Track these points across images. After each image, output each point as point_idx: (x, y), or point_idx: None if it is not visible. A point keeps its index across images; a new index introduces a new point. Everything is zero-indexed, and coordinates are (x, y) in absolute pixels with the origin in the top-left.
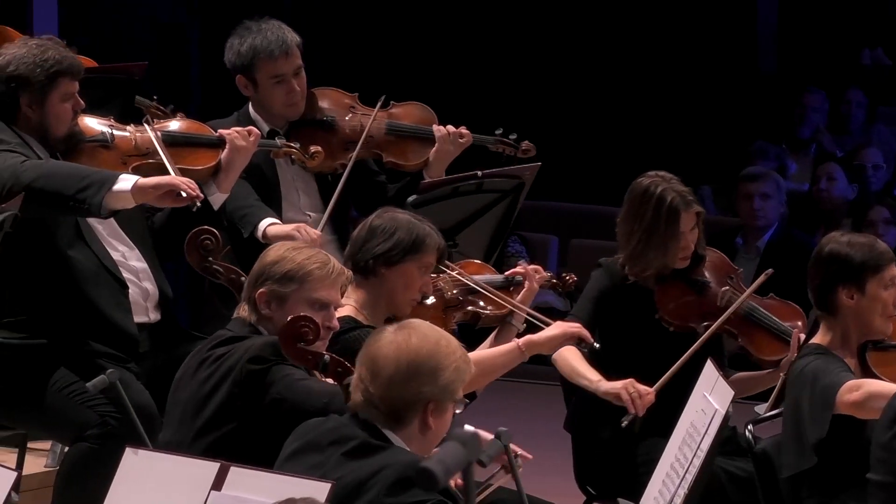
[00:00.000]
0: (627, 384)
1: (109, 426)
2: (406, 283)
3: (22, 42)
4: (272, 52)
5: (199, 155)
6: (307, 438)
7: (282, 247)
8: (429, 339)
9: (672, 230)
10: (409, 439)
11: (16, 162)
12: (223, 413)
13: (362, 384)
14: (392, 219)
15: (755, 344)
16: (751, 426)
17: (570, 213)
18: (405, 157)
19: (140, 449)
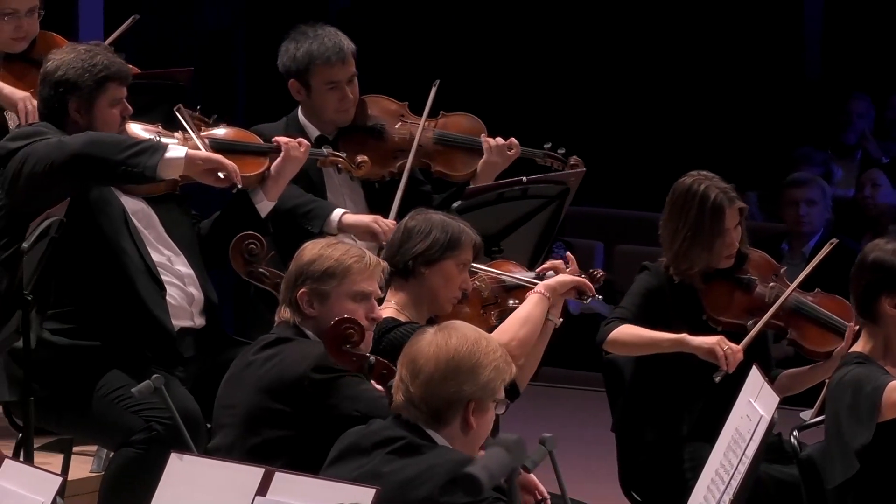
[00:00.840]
0: (720, 340)
1: (155, 431)
2: (446, 280)
3: (70, 47)
4: (329, 59)
5: (246, 162)
6: (349, 441)
7: (315, 245)
8: (468, 338)
9: (717, 227)
10: (451, 439)
11: (55, 140)
12: (278, 419)
13: (403, 384)
14: (426, 219)
15: (806, 336)
16: (796, 432)
17: (616, 219)
18: (453, 167)
19: (185, 454)
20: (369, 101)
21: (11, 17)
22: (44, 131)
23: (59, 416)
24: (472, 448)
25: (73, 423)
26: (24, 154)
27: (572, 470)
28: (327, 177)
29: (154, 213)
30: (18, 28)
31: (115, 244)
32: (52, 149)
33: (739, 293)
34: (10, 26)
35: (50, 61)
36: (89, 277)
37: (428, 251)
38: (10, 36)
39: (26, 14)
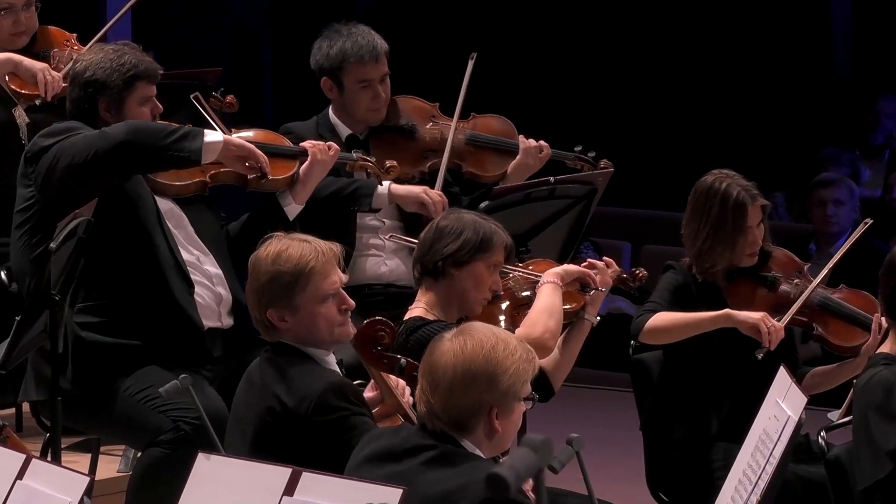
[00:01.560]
0: (764, 316)
1: (182, 431)
2: (476, 282)
3: (98, 47)
4: (362, 57)
5: (276, 165)
6: (380, 446)
7: (266, 255)
8: (484, 345)
9: (740, 225)
10: (478, 444)
11: (94, 132)
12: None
13: (424, 396)
14: (458, 219)
15: (832, 332)
16: (824, 433)
17: (643, 219)
18: (484, 168)
19: (212, 454)
20: (400, 100)
21: (8, 13)
22: (76, 127)
23: (87, 416)
24: (500, 448)
25: (100, 423)
26: (58, 149)
27: (599, 470)
28: (358, 176)
29: (184, 213)
30: (17, 23)
31: (149, 239)
32: (93, 139)
33: (763, 291)
34: (8, 21)
35: (79, 62)
36: (122, 270)
37: (459, 252)
38: (9, 32)
39: (23, 8)
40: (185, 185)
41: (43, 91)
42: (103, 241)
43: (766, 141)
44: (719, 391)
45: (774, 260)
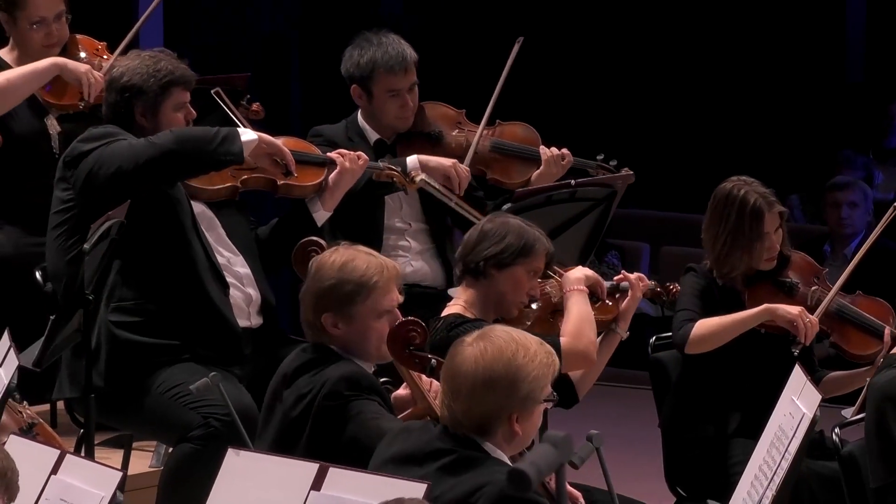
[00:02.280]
0: (802, 311)
1: (212, 427)
2: (515, 285)
3: (135, 54)
4: (392, 67)
5: (305, 172)
6: (404, 449)
7: (333, 262)
8: (504, 352)
9: (757, 231)
10: (498, 446)
11: (138, 140)
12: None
13: (446, 400)
14: (503, 223)
15: (847, 340)
16: (838, 430)
17: (662, 221)
18: (508, 175)
19: (242, 450)
20: (428, 107)
21: (41, 26)
22: (114, 133)
23: (120, 413)
24: (520, 447)
25: (132, 419)
26: (99, 155)
27: (619, 466)
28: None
29: (216, 217)
30: (49, 35)
31: (186, 242)
32: (141, 148)
33: (782, 297)
34: (41, 34)
35: (116, 68)
36: (159, 271)
37: (500, 255)
38: (42, 44)
39: (54, 20)
40: (217, 190)
41: (87, 93)
42: (141, 243)
43: (781, 144)
44: (737, 389)
45: (793, 265)
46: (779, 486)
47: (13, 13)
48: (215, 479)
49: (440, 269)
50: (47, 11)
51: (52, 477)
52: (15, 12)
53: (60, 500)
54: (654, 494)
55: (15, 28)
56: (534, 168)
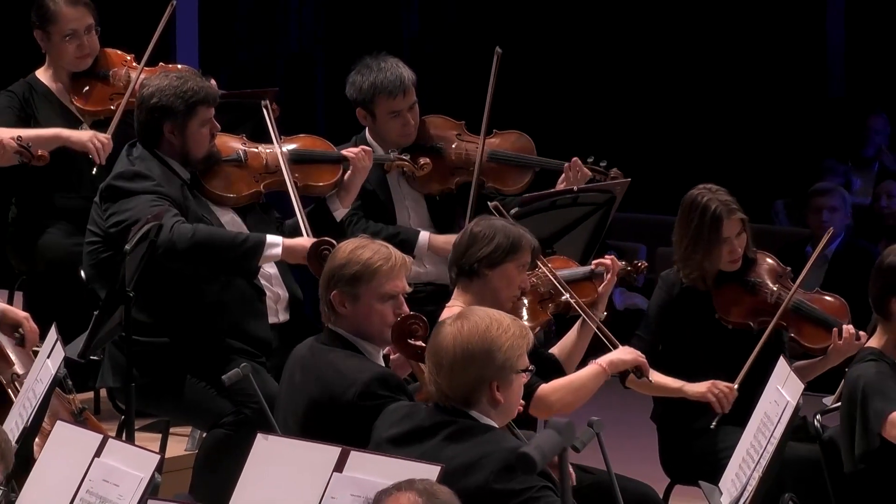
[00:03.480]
0: (710, 386)
1: (243, 414)
2: (507, 281)
3: (163, 74)
4: (391, 91)
5: (322, 171)
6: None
7: (346, 248)
8: (479, 326)
9: (715, 236)
10: (486, 413)
11: (168, 236)
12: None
13: (432, 376)
14: (490, 225)
15: (803, 334)
16: (819, 416)
17: (657, 224)
18: (504, 182)
19: (270, 435)
20: (429, 121)
21: (73, 38)
22: (144, 174)
23: (158, 401)
24: (508, 416)
25: (169, 407)
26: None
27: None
28: (393, 190)
29: (244, 223)
30: (81, 47)
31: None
32: (168, 240)
33: (747, 296)
34: (73, 46)
35: (146, 87)
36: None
37: (492, 255)
38: (74, 55)
39: (85, 32)
40: (241, 197)
41: (96, 157)
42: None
43: (768, 154)
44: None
45: (758, 265)
46: (765, 468)
47: (46, 28)
48: (245, 462)
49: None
50: (78, 24)
51: (95, 459)
52: (48, 27)
53: (103, 481)
54: (650, 476)
55: (49, 42)
56: (529, 175)
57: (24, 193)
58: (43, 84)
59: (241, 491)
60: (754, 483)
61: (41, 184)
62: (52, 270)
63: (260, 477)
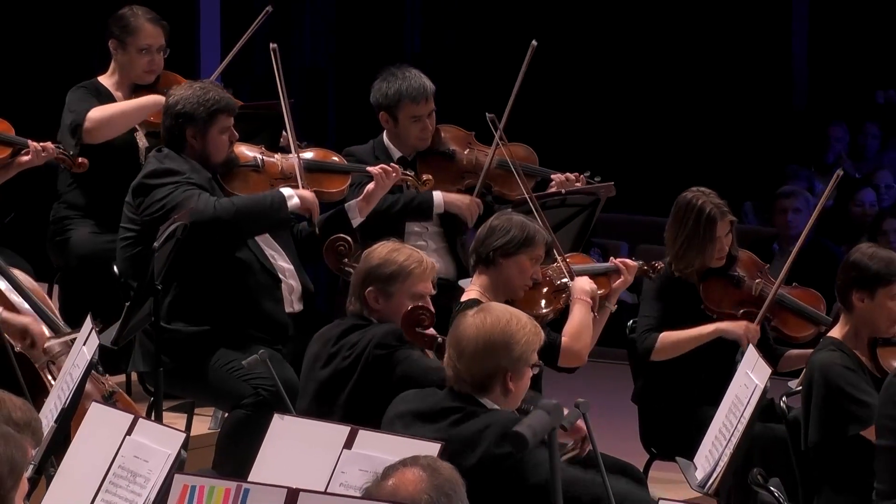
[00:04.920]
0: (746, 326)
1: (261, 396)
2: (520, 271)
3: (188, 84)
4: (415, 98)
5: (333, 180)
6: (414, 406)
7: (383, 250)
8: (500, 319)
9: (710, 235)
10: (496, 401)
11: (205, 203)
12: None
13: (452, 362)
14: (508, 220)
15: (786, 324)
16: (785, 398)
17: (638, 224)
18: (510, 188)
19: (286, 415)
20: (443, 129)
21: (146, 53)
22: (174, 170)
23: (184, 384)
24: (513, 405)
25: (194, 389)
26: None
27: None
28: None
29: None
30: (151, 62)
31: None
32: (202, 208)
33: (731, 288)
34: (145, 60)
35: (171, 96)
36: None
37: (506, 245)
38: (144, 69)
39: (157, 51)
40: None
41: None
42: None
43: (738, 160)
44: (696, 366)
45: (740, 262)
46: (735, 445)
47: (124, 39)
48: (263, 440)
49: (452, 263)
50: (153, 41)
51: (126, 437)
52: (126, 38)
53: (134, 457)
54: (632, 453)
55: (123, 52)
56: (532, 182)
57: (62, 195)
58: (107, 89)
59: (260, 466)
60: (726, 459)
61: (77, 186)
62: (84, 265)
63: (276, 453)
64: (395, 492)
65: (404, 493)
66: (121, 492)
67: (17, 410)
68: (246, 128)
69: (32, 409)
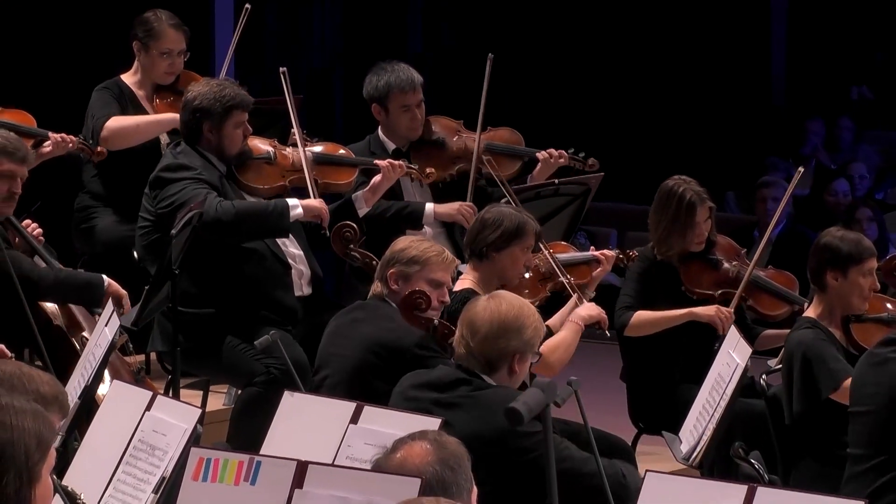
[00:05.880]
0: (718, 309)
1: (272, 375)
2: (512, 262)
3: (205, 82)
4: (403, 88)
5: (340, 172)
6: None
7: (407, 238)
8: (514, 305)
9: (690, 220)
10: (500, 381)
11: (214, 214)
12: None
13: (464, 340)
14: (499, 213)
15: (760, 303)
16: (764, 376)
17: (626, 212)
18: (500, 167)
19: (295, 393)
20: (433, 119)
21: (167, 56)
22: (187, 165)
23: (200, 363)
24: (515, 386)
25: (209, 368)
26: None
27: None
28: (402, 181)
29: None
30: (172, 65)
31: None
32: (215, 217)
33: (710, 270)
34: (166, 63)
35: (189, 92)
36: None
37: (498, 240)
38: (165, 71)
39: (178, 55)
40: (270, 189)
41: None
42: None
43: (721, 152)
44: (677, 348)
45: (719, 246)
46: (718, 420)
47: (147, 42)
48: (274, 415)
49: (450, 248)
50: (175, 45)
51: (146, 413)
52: (149, 42)
53: (153, 431)
54: (621, 427)
55: (145, 55)
56: (518, 162)
57: (87, 185)
58: (129, 88)
59: (271, 440)
60: (709, 433)
61: (100, 177)
62: (108, 252)
63: (286, 428)
64: (402, 464)
65: (411, 466)
66: (140, 464)
67: (44, 385)
68: (259, 122)
69: (59, 384)
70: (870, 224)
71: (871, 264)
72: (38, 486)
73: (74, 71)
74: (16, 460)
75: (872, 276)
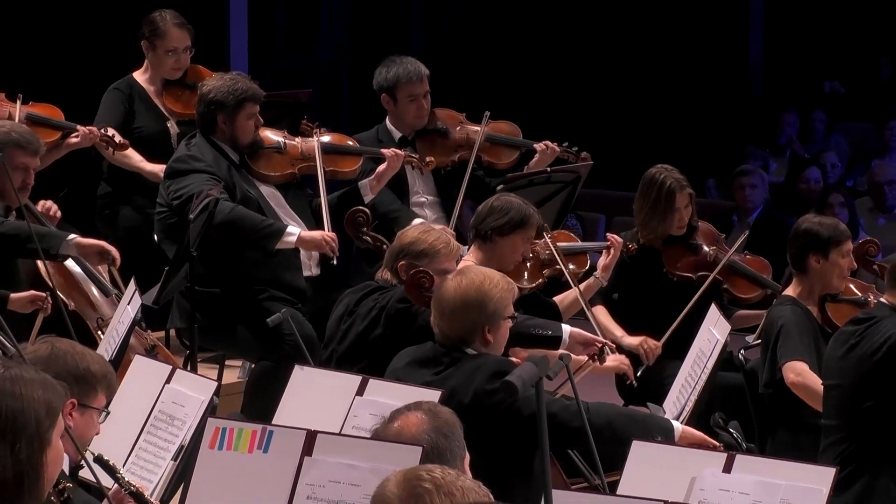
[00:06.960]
0: (642, 341)
1: (283, 350)
2: (513, 249)
3: (219, 76)
4: (411, 78)
5: (347, 161)
6: (415, 356)
7: (416, 230)
8: (474, 281)
9: (670, 206)
10: (478, 350)
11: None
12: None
13: (436, 320)
14: (507, 202)
15: (736, 286)
16: (742, 351)
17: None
18: (498, 158)
19: (305, 367)
20: (438, 111)
21: (173, 54)
22: (198, 157)
23: (216, 339)
24: (496, 352)
25: (225, 343)
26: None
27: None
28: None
29: (283, 196)
30: (178, 62)
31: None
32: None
33: (690, 254)
34: (172, 60)
35: (205, 86)
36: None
37: (503, 226)
38: (171, 67)
39: (183, 52)
40: (280, 176)
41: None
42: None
43: (701, 141)
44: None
45: (699, 231)
46: (699, 392)
47: (154, 41)
48: (285, 388)
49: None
50: (179, 43)
51: (166, 385)
52: (155, 41)
53: (172, 403)
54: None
55: (153, 53)
56: (516, 153)
57: (110, 174)
58: (140, 85)
59: (282, 411)
60: (691, 404)
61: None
62: (130, 235)
63: (297, 400)
64: (399, 432)
65: (408, 434)
66: (160, 433)
67: (95, 364)
68: (270, 114)
69: (108, 364)
70: (841, 209)
71: (848, 246)
72: (49, 451)
73: (99, 67)
74: (27, 428)
75: (850, 257)
